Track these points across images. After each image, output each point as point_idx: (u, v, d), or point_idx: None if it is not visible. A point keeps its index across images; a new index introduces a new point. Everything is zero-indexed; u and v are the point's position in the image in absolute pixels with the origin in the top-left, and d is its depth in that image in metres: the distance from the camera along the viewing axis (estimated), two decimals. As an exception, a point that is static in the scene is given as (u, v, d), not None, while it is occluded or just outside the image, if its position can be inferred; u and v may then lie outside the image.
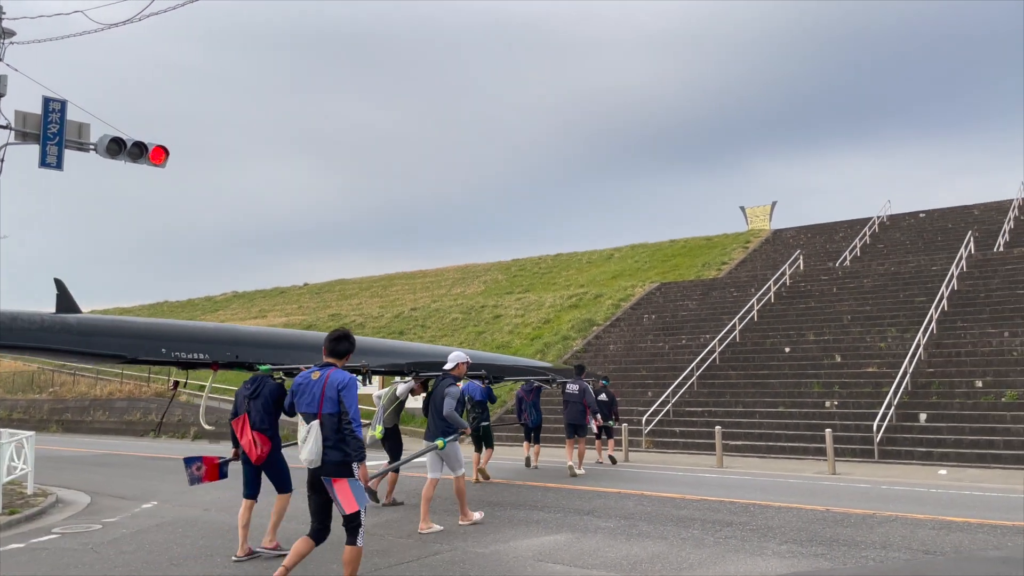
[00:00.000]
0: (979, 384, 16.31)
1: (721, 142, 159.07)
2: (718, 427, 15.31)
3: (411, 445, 14.26)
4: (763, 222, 38.39)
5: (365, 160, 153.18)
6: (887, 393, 16.14)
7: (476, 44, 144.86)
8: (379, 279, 48.17)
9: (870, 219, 32.82)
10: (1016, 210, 28.84)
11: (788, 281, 25.41)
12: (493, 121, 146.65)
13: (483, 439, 12.27)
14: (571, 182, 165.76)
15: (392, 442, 10.21)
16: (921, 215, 32.41)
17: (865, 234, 30.82)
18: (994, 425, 14.83)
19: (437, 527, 8.02)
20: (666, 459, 16.15)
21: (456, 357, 8.63)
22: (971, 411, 15.51)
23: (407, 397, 10.26)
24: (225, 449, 8.38)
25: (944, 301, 20.01)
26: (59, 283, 7.10)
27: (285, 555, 5.81)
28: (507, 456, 16.30)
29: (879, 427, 15.15)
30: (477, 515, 8.53)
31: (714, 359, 20.90)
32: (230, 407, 7.56)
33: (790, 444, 16.21)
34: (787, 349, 20.53)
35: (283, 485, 7.07)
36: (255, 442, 6.78)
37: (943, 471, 13.33)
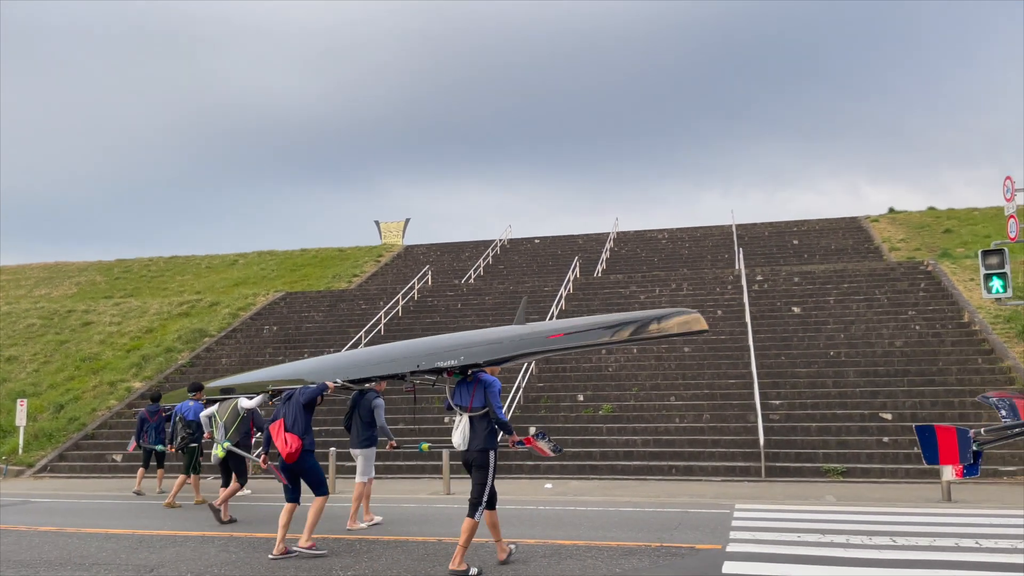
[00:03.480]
0: (580, 398, 17.32)
1: (358, 159, 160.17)
2: (332, 448, 14.06)
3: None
4: (396, 237, 38.48)
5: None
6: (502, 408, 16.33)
7: (96, 31, 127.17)
8: (-68, 274, 38.76)
9: (493, 241, 34.56)
10: (611, 242, 32.42)
11: (416, 295, 25.31)
12: (107, 110, 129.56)
13: (186, 460, 11.87)
14: (198, 184, 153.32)
15: (236, 460, 10.16)
16: (536, 241, 34.98)
17: (488, 255, 32.27)
18: (592, 437, 15.72)
19: (362, 524, 9.14)
20: (271, 486, 14.42)
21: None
22: (573, 424, 16.33)
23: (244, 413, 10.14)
24: None
25: (553, 319, 21.25)
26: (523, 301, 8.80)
27: (323, 555, 7.36)
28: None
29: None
30: (363, 524, 9.20)
31: (336, 374, 19.67)
32: None
33: (408, 463, 15.56)
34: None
35: (318, 488, 7.67)
36: (286, 441, 7.36)
37: (549, 484, 13.61)
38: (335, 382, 8.20)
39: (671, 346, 19.24)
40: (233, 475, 10.28)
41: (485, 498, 6.45)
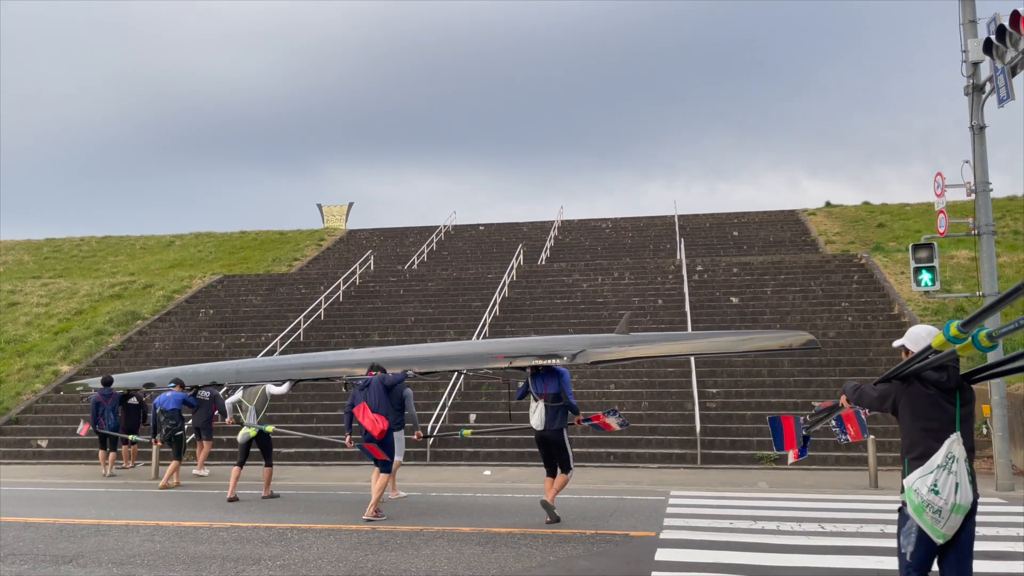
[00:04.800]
0: (521, 384, 17.28)
1: (301, 142, 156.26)
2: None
3: None
4: (339, 221, 37.87)
5: None
6: (443, 394, 16.26)
7: (28, 5, 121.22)
8: None
9: (437, 227, 34.28)
10: (555, 231, 32.47)
11: (358, 281, 24.95)
12: (38, 86, 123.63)
13: (175, 448, 12.36)
14: (134, 164, 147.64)
15: (264, 441, 10.80)
16: (481, 228, 34.82)
17: (433, 241, 32.00)
18: (528, 424, 15.71)
19: (402, 494, 10.50)
20: (228, 473, 14.06)
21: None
22: (514, 411, 16.27)
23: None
24: None
25: (497, 307, 21.20)
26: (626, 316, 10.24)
27: (383, 519, 8.49)
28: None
29: (433, 428, 15.07)
30: (403, 494, 10.52)
31: (274, 359, 19.28)
32: None
33: (345, 451, 15.33)
34: (351, 350, 19.82)
35: (385, 465, 8.70)
36: (376, 421, 8.39)
37: (488, 471, 13.58)
38: (412, 371, 9.68)
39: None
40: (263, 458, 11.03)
41: (572, 462, 8.15)
